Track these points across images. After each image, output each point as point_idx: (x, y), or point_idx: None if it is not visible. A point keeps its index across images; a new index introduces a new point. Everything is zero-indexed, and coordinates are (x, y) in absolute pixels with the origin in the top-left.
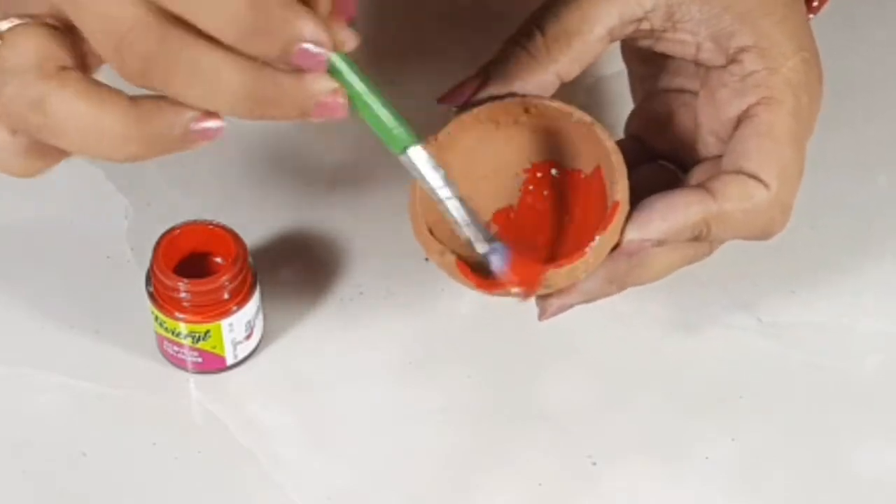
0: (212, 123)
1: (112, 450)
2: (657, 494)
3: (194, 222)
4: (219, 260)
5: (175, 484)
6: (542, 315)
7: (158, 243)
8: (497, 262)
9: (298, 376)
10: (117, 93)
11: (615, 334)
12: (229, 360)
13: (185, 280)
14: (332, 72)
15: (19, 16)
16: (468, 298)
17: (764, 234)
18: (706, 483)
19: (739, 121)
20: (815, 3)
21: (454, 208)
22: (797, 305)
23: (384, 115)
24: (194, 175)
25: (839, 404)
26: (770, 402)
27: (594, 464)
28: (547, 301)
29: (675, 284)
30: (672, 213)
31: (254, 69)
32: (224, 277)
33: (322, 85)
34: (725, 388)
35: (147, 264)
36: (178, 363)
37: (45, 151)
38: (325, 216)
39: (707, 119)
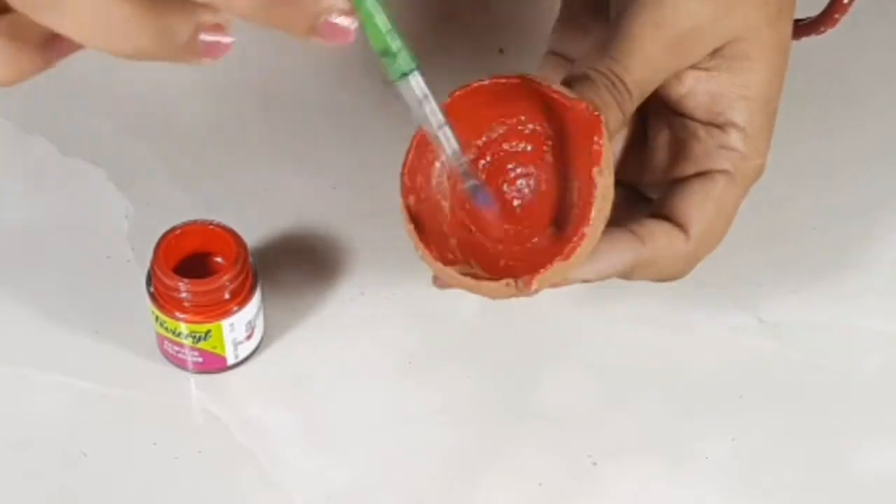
0: (222, 38)
1: (112, 450)
2: (657, 494)
3: (195, 222)
4: (219, 260)
5: (175, 484)
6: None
7: (159, 243)
8: (481, 199)
9: (299, 376)
10: None
11: (615, 334)
12: (230, 360)
13: (186, 280)
14: None
15: None
16: (468, 299)
17: (668, 280)
18: (706, 483)
19: (693, 175)
20: (822, 28)
21: (446, 138)
22: (798, 306)
23: (390, 35)
24: (194, 175)
25: (839, 404)
26: (770, 402)
27: (594, 464)
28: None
29: (675, 284)
30: (606, 254)
31: None
32: (225, 277)
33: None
34: (725, 388)
35: (147, 264)
36: (179, 363)
37: (20, 57)
38: (326, 216)
39: (654, 150)
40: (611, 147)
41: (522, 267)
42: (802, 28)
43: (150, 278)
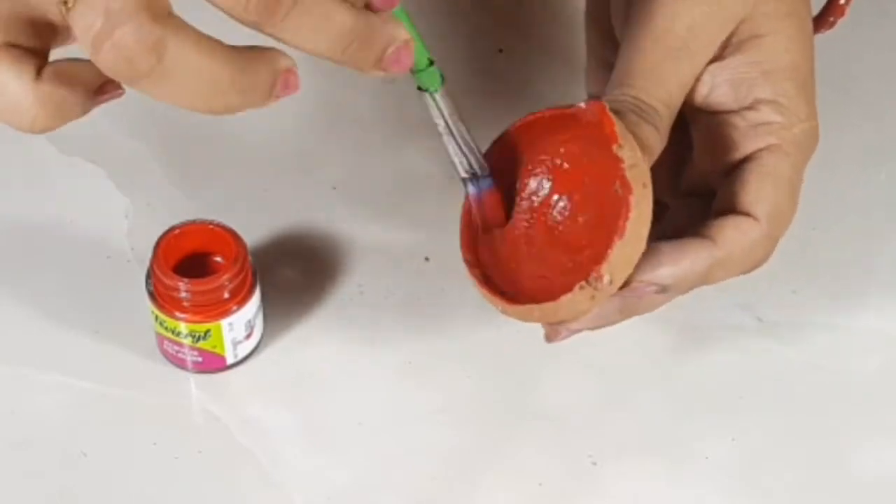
0: (293, 79)
1: (112, 450)
2: (657, 494)
3: (194, 222)
4: (219, 259)
5: (175, 484)
6: (551, 338)
7: (158, 243)
8: (473, 191)
9: (298, 376)
10: (218, 41)
11: (615, 334)
12: (229, 360)
13: (186, 280)
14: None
15: None
16: (468, 299)
17: (752, 269)
18: (706, 483)
19: (741, 162)
20: (830, 19)
21: (458, 132)
22: (798, 305)
23: (421, 50)
24: (194, 175)
25: (839, 404)
26: (770, 402)
27: (594, 464)
28: (557, 326)
29: None
30: (681, 259)
31: (355, 10)
32: (224, 277)
33: (400, 31)
34: (725, 388)
35: (147, 264)
36: (179, 363)
37: (65, 105)
38: (325, 216)
39: (700, 154)
40: (629, 133)
41: None
42: (813, 23)
43: (150, 278)
